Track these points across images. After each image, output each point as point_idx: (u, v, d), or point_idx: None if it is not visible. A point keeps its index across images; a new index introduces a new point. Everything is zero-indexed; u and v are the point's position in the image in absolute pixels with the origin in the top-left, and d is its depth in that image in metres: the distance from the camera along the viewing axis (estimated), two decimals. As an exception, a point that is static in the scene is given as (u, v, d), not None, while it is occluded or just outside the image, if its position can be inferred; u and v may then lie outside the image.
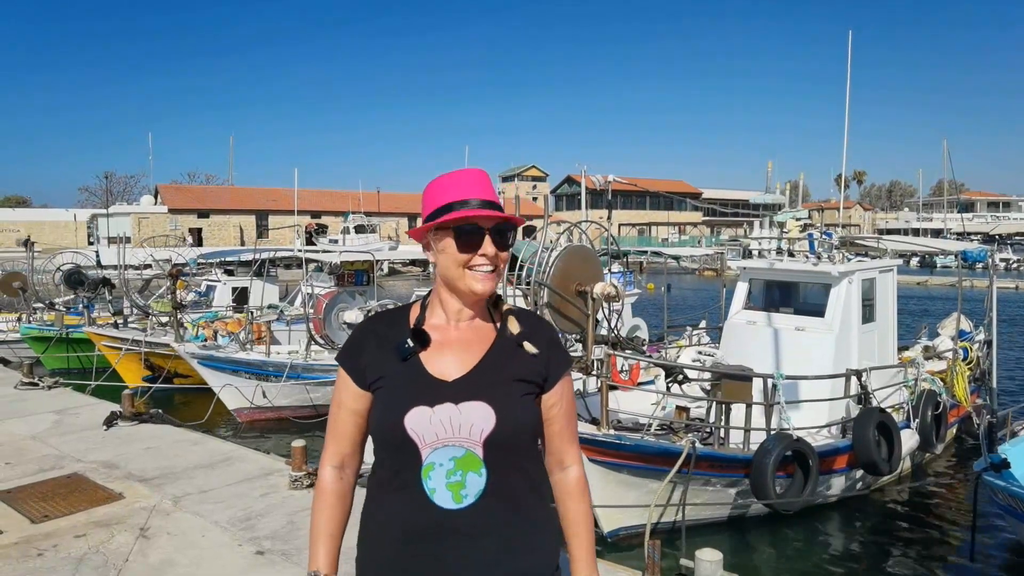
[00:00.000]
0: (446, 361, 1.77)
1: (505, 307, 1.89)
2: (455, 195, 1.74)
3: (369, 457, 1.89)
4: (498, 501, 1.72)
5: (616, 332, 8.08)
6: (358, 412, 1.83)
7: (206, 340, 13.59)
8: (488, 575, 1.71)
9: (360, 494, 1.86)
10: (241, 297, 17.81)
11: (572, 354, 7.66)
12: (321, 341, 13.10)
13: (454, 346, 1.79)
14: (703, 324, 14.38)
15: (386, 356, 1.78)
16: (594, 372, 7.20)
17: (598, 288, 7.07)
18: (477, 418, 1.70)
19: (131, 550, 4.96)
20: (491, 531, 1.71)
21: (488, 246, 1.72)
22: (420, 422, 1.69)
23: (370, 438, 1.87)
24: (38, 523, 5.42)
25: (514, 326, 1.83)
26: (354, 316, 13.33)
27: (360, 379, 1.80)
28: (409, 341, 1.77)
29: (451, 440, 1.69)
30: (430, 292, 1.89)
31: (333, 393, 1.89)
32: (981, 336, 12.28)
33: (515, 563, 1.74)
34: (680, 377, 8.21)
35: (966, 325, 12.47)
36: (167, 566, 4.74)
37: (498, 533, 1.72)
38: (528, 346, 1.80)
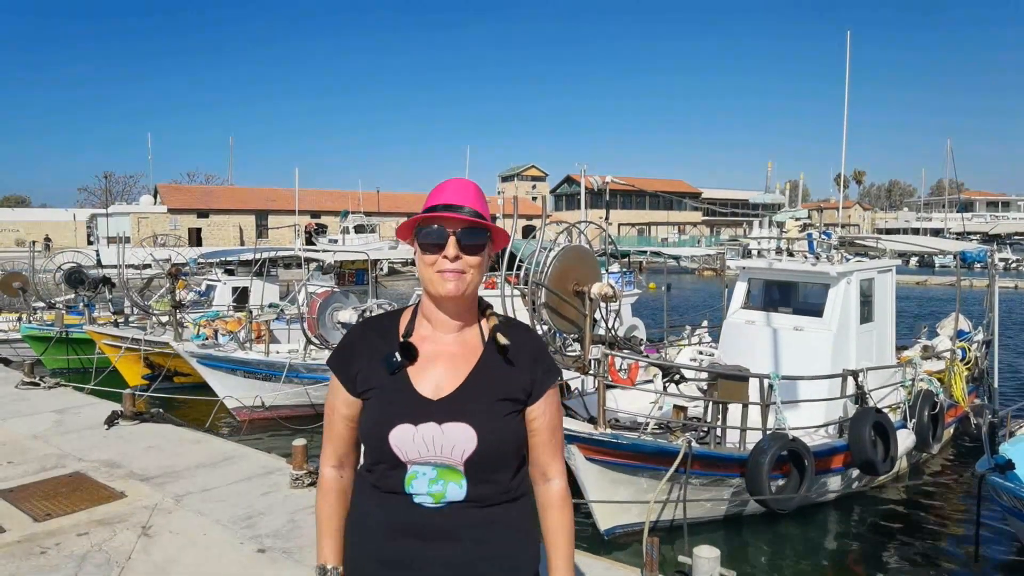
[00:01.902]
0: (432, 377, 1.80)
1: (492, 317, 1.90)
2: (435, 199, 1.81)
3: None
4: (478, 507, 1.79)
5: (613, 332, 8.11)
6: (350, 417, 1.89)
7: (207, 339, 13.63)
8: (463, 571, 1.78)
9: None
10: (241, 297, 17.85)
11: (570, 353, 7.71)
12: (316, 341, 13.13)
13: (441, 361, 1.82)
14: (705, 324, 14.43)
15: (375, 367, 1.82)
16: (591, 372, 7.23)
17: (595, 288, 7.11)
18: (459, 440, 1.74)
19: (133, 548, 4.99)
20: (469, 532, 1.78)
21: (451, 248, 1.75)
22: (404, 440, 1.75)
23: None
24: (41, 521, 5.45)
25: (501, 340, 1.84)
26: (348, 316, 13.34)
27: (351, 387, 1.86)
28: (397, 355, 1.80)
29: (433, 459, 1.76)
30: (420, 300, 1.91)
31: (327, 395, 1.95)
32: (980, 336, 12.31)
33: (492, 564, 1.79)
34: (677, 377, 8.26)
35: (965, 325, 12.51)
36: (169, 564, 4.77)
37: (476, 535, 1.78)
38: (503, 363, 1.84)
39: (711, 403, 7.57)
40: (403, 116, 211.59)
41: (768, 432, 7.49)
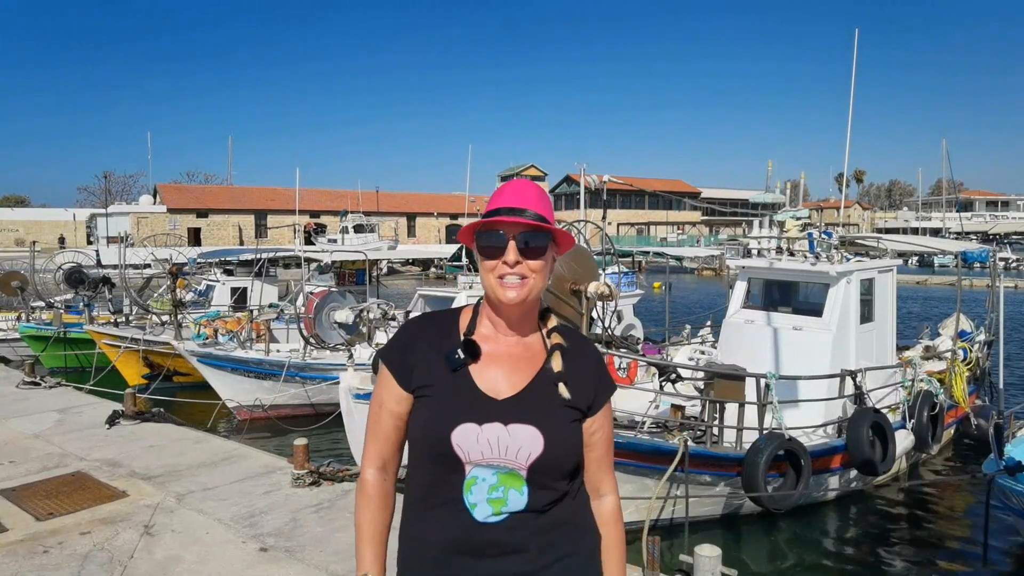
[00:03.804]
0: (496, 377, 1.74)
1: (552, 322, 1.85)
2: (495, 203, 1.74)
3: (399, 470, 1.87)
4: (538, 515, 1.73)
5: (610, 331, 8.12)
6: (399, 415, 1.79)
7: (207, 339, 13.64)
8: None
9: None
10: (241, 297, 17.86)
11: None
12: (312, 340, 13.12)
13: (504, 361, 1.76)
14: (708, 323, 14.43)
15: (435, 363, 1.75)
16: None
17: (592, 287, 7.12)
18: (525, 441, 1.69)
19: (136, 547, 5.01)
20: (535, 541, 1.72)
21: (511, 253, 1.68)
22: (467, 439, 1.68)
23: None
24: (43, 520, 5.46)
25: (557, 360, 1.78)
26: (345, 316, 13.34)
27: (405, 381, 1.77)
28: (460, 352, 1.73)
29: (496, 460, 1.68)
30: (482, 298, 1.85)
31: (374, 391, 1.84)
32: (982, 336, 12.30)
33: (562, 565, 1.75)
34: (673, 376, 8.28)
35: (967, 325, 12.49)
36: (172, 563, 4.78)
37: (541, 542, 1.73)
38: (563, 390, 1.75)
39: (708, 402, 7.59)
40: (403, 115, 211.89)
41: (764, 432, 7.51)
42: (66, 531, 5.27)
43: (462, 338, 1.77)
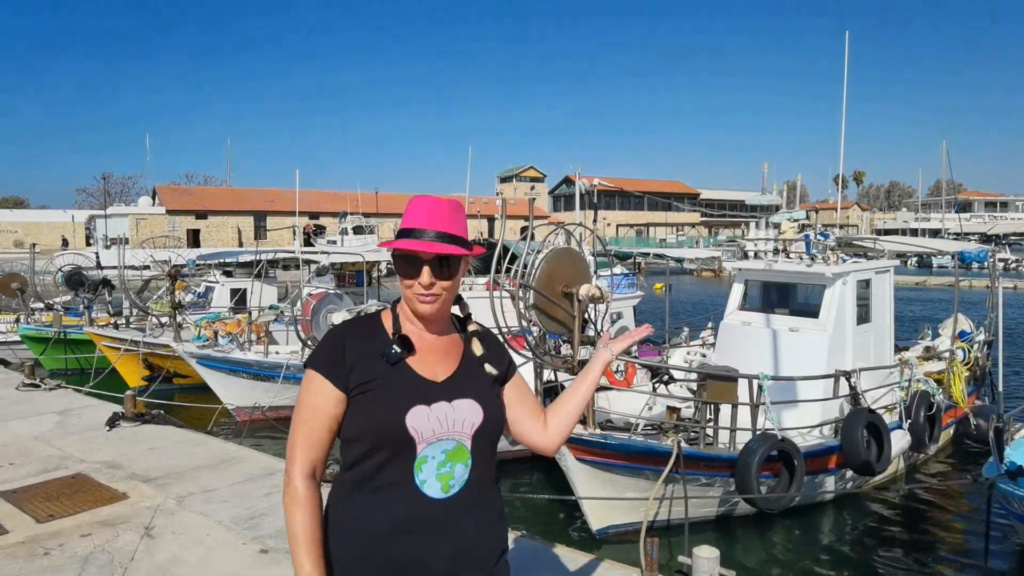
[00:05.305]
0: (429, 365, 1.94)
1: (465, 313, 2.11)
2: (409, 222, 1.89)
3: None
4: (476, 489, 1.93)
5: (601, 333, 8.15)
6: (335, 416, 1.89)
7: (207, 340, 13.66)
8: (464, 557, 1.89)
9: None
10: (240, 299, 17.87)
11: (564, 353, 7.76)
12: (309, 343, 13.13)
13: (433, 352, 1.97)
14: (710, 325, 14.44)
15: (372, 360, 1.89)
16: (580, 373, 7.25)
17: (583, 290, 7.15)
18: (468, 413, 1.91)
19: (136, 549, 5.03)
20: (467, 517, 1.90)
21: (424, 276, 1.87)
22: (419, 419, 1.84)
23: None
24: (43, 523, 5.48)
25: (477, 345, 2.05)
26: (341, 317, 13.34)
27: (342, 382, 1.87)
28: (396, 348, 1.90)
29: (445, 434, 1.87)
30: (398, 300, 2.02)
31: (301, 400, 1.91)
32: (981, 337, 12.31)
33: (484, 543, 1.94)
34: (666, 377, 8.31)
35: (968, 326, 12.51)
36: (172, 565, 4.80)
37: (472, 518, 1.91)
38: (488, 368, 2.03)
39: (701, 404, 7.61)
40: (402, 116, 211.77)
41: (757, 432, 7.53)
42: (66, 533, 5.29)
43: (391, 336, 1.94)
